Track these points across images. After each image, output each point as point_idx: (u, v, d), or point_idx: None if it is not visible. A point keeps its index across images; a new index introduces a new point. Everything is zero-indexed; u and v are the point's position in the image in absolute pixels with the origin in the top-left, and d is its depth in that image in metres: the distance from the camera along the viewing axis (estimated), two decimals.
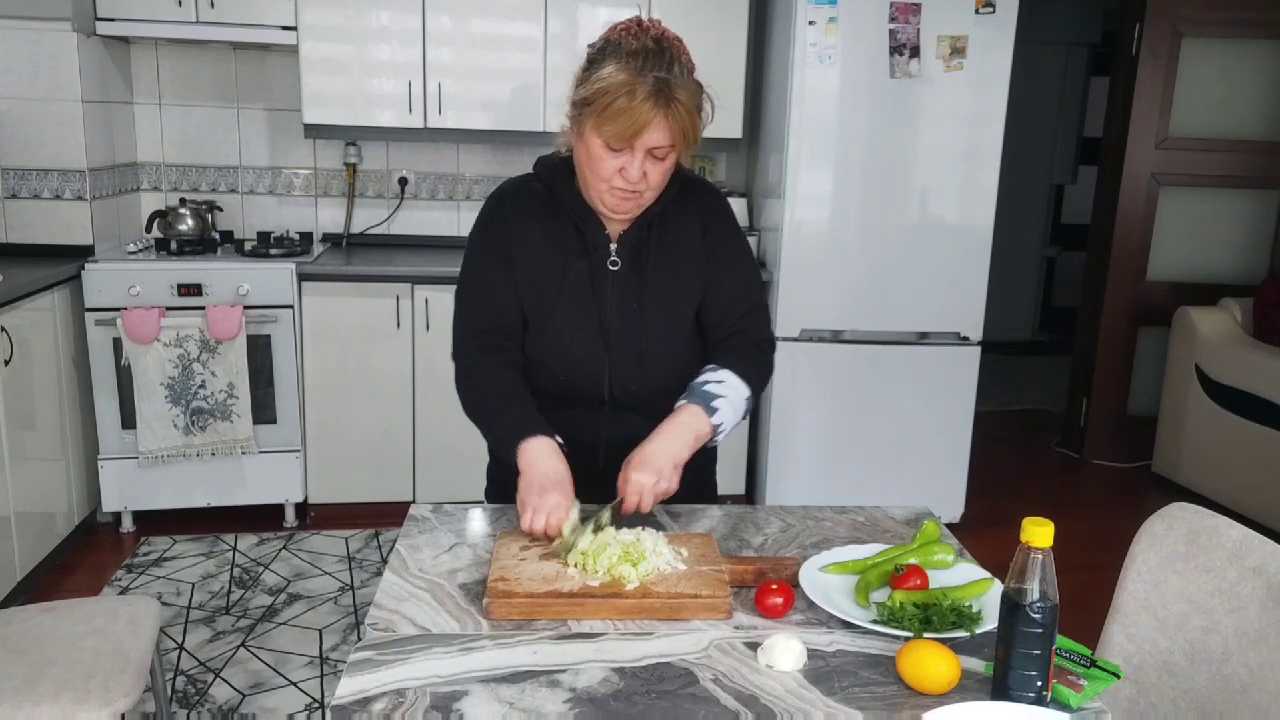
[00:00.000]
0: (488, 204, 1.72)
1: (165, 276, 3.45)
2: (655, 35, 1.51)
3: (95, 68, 3.55)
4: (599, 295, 1.65)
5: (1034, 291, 7.19)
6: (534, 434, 1.55)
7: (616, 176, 1.53)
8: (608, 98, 1.46)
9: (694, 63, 1.53)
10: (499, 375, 1.64)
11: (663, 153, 1.52)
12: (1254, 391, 4.01)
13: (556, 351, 1.66)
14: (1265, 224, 4.67)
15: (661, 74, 1.46)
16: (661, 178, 1.56)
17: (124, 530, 3.63)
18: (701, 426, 1.57)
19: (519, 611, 1.29)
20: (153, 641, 1.91)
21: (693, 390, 1.61)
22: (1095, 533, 3.34)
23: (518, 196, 1.69)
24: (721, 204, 1.75)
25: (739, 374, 1.64)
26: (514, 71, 3.75)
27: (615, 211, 1.60)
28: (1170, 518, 1.51)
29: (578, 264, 1.65)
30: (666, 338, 1.67)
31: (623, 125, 1.46)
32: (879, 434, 3.77)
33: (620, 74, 1.46)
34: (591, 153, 1.52)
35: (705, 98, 1.54)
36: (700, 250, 1.68)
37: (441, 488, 3.68)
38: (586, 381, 1.67)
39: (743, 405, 1.64)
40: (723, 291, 1.70)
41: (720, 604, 1.30)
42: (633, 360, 1.66)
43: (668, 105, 1.46)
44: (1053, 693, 1.11)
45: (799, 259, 3.64)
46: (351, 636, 2.96)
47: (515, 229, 1.66)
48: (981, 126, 3.60)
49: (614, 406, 1.68)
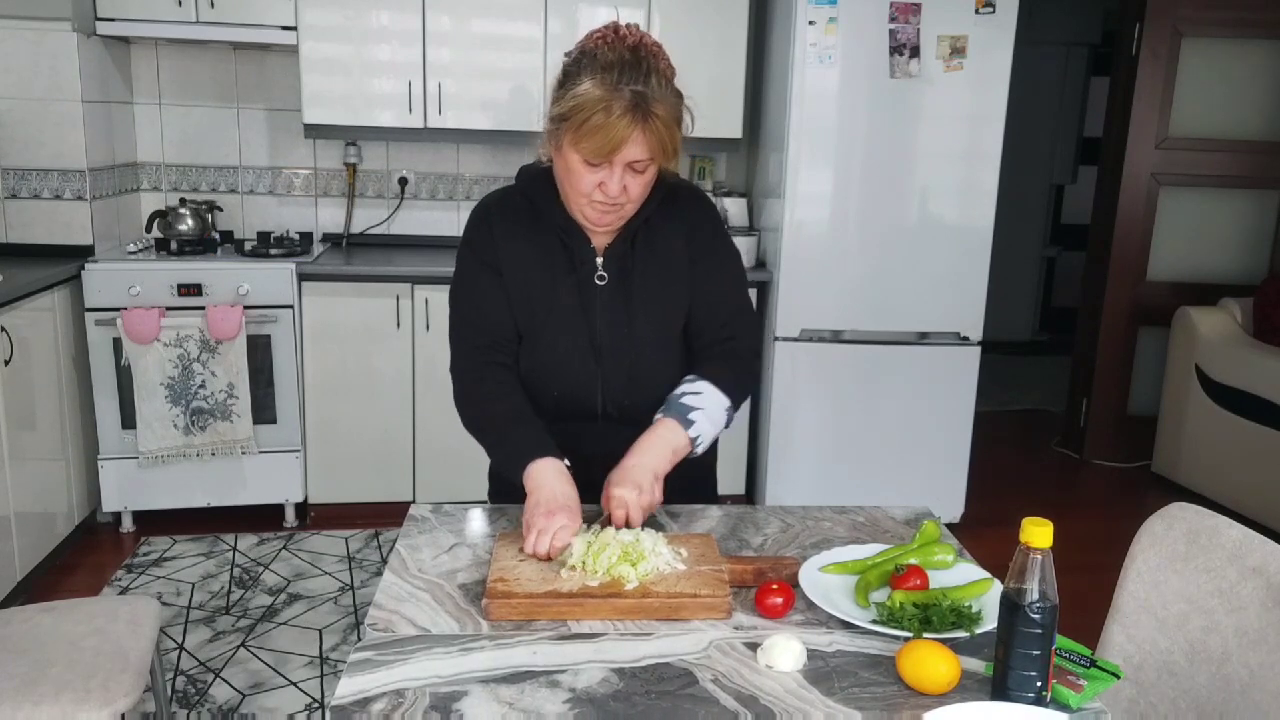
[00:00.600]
0: (474, 217, 1.69)
1: (165, 276, 3.46)
2: (632, 44, 1.47)
3: (95, 68, 3.56)
4: (588, 311, 1.64)
5: (1034, 291, 7.19)
6: (541, 455, 1.53)
7: (596, 191, 1.51)
8: (583, 114, 1.43)
9: (674, 68, 1.51)
10: (501, 392, 1.63)
11: (642, 166, 1.50)
12: (1254, 391, 4.01)
13: (548, 368, 1.65)
14: (1265, 224, 4.67)
15: (638, 87, 1.43)
16: (642, 190, 1.54)
17: (124, 530, 3.63)
18: (678, 440, 1.57)
19: (518, 612, 1.29)
20: (153, 641, 1.91)
21: (670, 404, 1.60)
22: (1095, 533, 3.34)
23: (504, 210, 1.67)
24: (706, 209, 1.73)
25: (718, 385, 1.63)
26: (514, 71, 3.75)
27: (596, 224, 1.58)
28: (1170, 518, 1.51)
29: (565, 280, 1.63)
30: (656, 349, 1.66)
31: (599, 142, 1.44)
32: (879, 434, 3.77)
33: (596, 90, 1.43)
34: (570, 168, 1.51)
35: (685, 108, 1.51)
36: (685, 257, 1.67)
37: (441, 488, 3.68)
38: (579, 396, 1.66)
39: (722, 416, 1.64)
40: (707, 298, 1.68)
41: (720, 603, 1.30)
42: (624, 375, 1.65)
43: (645, 120, 1.44)
44: (1053, 693, 1.11)
45: (799, 259, 3.64)
46: (351, 636, 2.96)
47: (503, 243, 1.64)
48: (981, 126, 3.60)
49: (607, 420, 1.67)
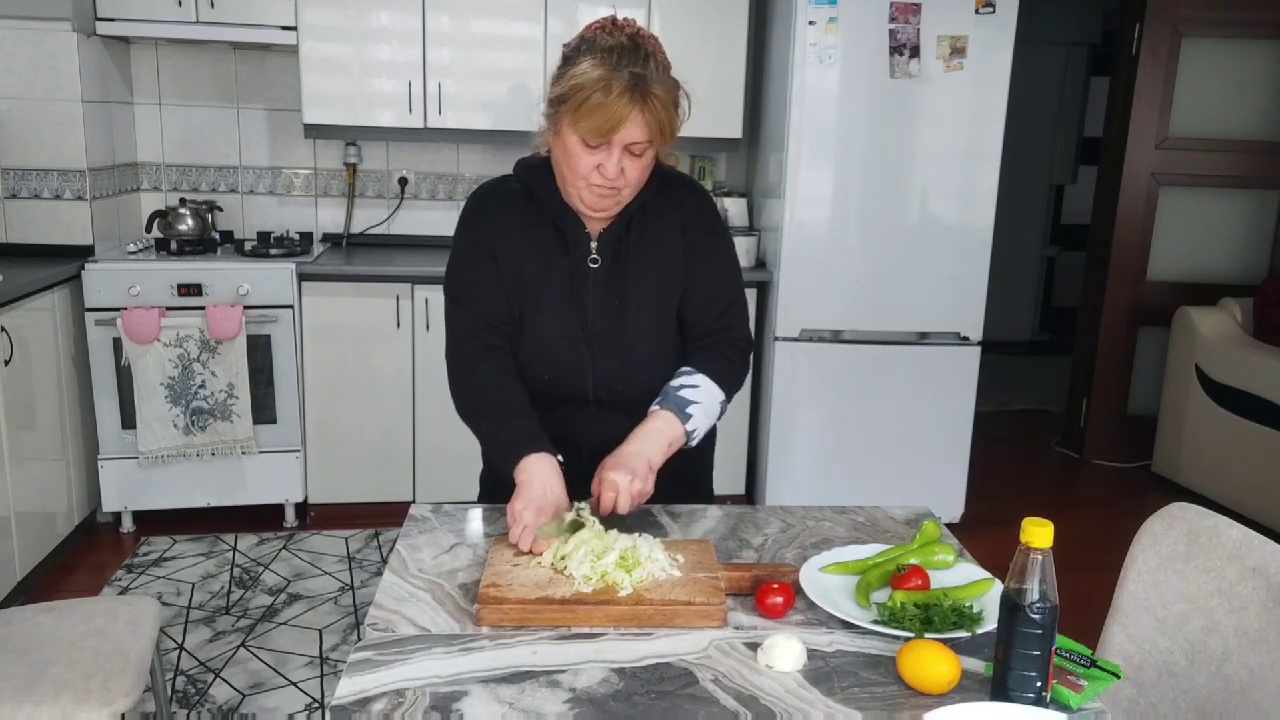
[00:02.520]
0: (469, 203, 1.71)
1: (165, 276, 3.46)
2: (631, 33, 1.51)
3: (95, 68, 3.55)
4: (580, 295, 1.64)
5: (1034, 291, 7.19)
6: (535, 450, 1.54)
7: (594, 174, 1.52)
8: (584, 94, 1.46)
9: (670, 61, 1.54)
10: (497, 380, 1.63)
11: (640, 149, 1.51)
12: (1254, 391, 4.01)
13: (540, 352, 1.66)
14: (1265, 224, 4.67)
15: (637, 69, 1.46)
16: (639, 174, 1.55)
17: (124, 530, 3.63)
18: (675, 432, 1.58)
19: (510, 618, 1.27)
20: (153, 641, 1.91)
21: (667, 395, 1.61)
22: (1095, 533, 3.33)
23: (499, 196, 1.69)
24: (703, 201, 1.74)
25: (713, 377, 1.64)
26: (514, 71, 3.75)
27: (594, 209, 1.59)
28: (1170, 518, 1.51)
29: (558, 263, 1.64)
30: (648, 335, 1.67)
31: (599, 121, 1.46)
32: (879, 434, 3.77)
33: (596, 70, 1.46)
34: (569, 150, 1.52)
35: (682, 94, 1.53)
36: (680, 247, 1.67)
37: (441, 488, 3.68)
38: (571, 381, 1.66)
39: (716, 409, 1.65)
40: (701, 289, 1.69)
41: (714, 611, 1.28)
42: (616, 360, 1.65)
43: (644, 100, 1.46)
44: (1053, 693, 1.11)
45: (799, 259, 3.64)
46: (351, 636, 2.96)
47: (497, 227, 1.66)
48: (981, 126, 3.60)
49: (599, 406, 1.67)
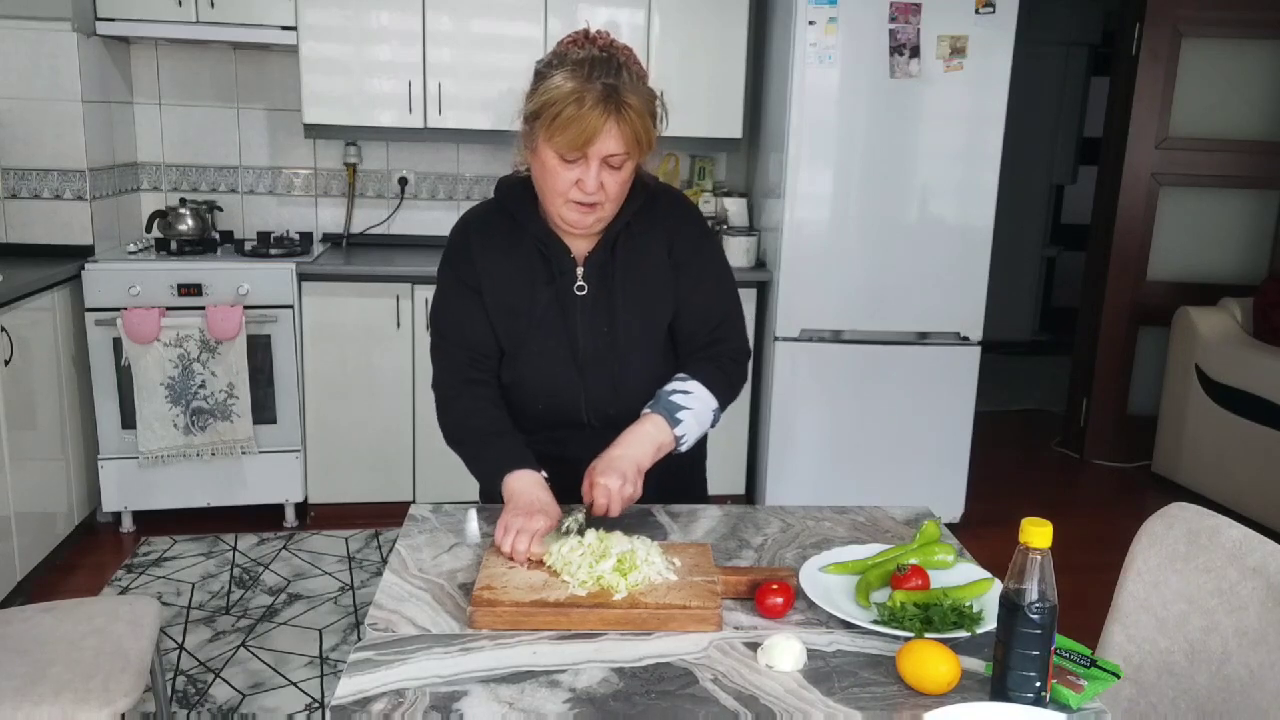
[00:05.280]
0: (453, 235, 1.69)
1: (165, 276, 3.45)
2: (603, 45, 1.49)
3: (95, 68, 3.55)
4: (569, 322, 1.63)
5: (1034, 291, 7.19)
6: (520, 466, 1.55)
7: (573, 189, 1.50)
8: (556, 107, 1.44)
9: (645, 72, 1.52)
10: (479, 407, 1.64)
11: (618, 161, 1.49)
12: (1254, 391, 4.01)
13: (532, 380, 1.66)
14: (1265, 224, 4.67)
15: (610, 80, 1.44)
16: (619, 188, 1.53)
17: (124, 530, 3.63)
18: (664, 437, 1.58)
19: (503, 621, 1.27)
20: (153, 641, 1.91)
21: (659, 399, 1.61)
22: (1095, 533, 3.34)
23: (483, 226, 1.67)
24: (689, 213, 1.71)
25: (708, 385, 1.64)
26: (514, 71, 3.70)
27: (575, 226, 1.57)
28: (1170, 518, 1.51)
29: (545, 291, 1.62)
30: (639, 357, 1.66)
31: (573, 134, 1.44)
32: (879, 434, 3.77)
33: (568, 82, 1.44)
34: (546, 166, 1.50)
35: (659, 104, 1.52)
36: (668, 264, 1.65)
37: (441, 488, 3.68)
38: (564, 408, 1.66)
39: (709, 416, 1.64)
40: (694, 304, 1.68)
41: (709, 616, 1.28)
42: (608, 385, 1.65)
43: (618, 111, 1.44)
44: (1053, 693, 1.11)
45: (799, 259, 3.64)
46: (351, 636, 2.96)
47: (481, 259, 1.64)
48: (981, 126, 3.60)
49: (593, 429, 1.66)
